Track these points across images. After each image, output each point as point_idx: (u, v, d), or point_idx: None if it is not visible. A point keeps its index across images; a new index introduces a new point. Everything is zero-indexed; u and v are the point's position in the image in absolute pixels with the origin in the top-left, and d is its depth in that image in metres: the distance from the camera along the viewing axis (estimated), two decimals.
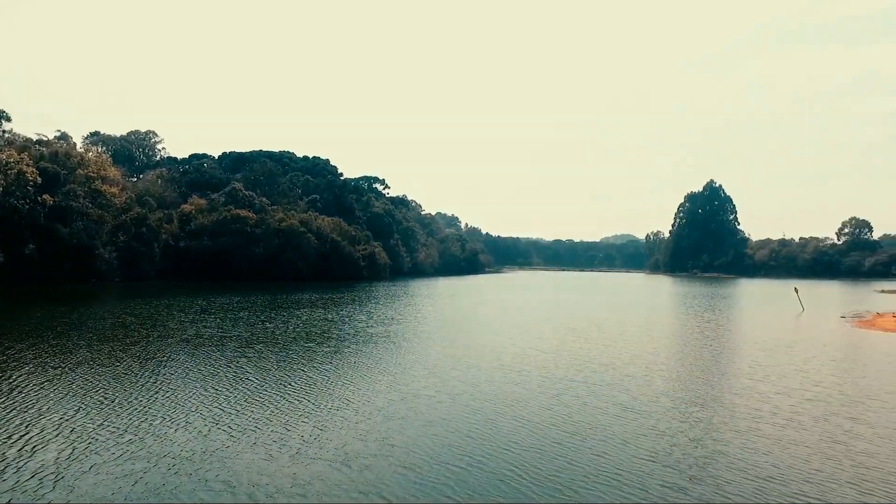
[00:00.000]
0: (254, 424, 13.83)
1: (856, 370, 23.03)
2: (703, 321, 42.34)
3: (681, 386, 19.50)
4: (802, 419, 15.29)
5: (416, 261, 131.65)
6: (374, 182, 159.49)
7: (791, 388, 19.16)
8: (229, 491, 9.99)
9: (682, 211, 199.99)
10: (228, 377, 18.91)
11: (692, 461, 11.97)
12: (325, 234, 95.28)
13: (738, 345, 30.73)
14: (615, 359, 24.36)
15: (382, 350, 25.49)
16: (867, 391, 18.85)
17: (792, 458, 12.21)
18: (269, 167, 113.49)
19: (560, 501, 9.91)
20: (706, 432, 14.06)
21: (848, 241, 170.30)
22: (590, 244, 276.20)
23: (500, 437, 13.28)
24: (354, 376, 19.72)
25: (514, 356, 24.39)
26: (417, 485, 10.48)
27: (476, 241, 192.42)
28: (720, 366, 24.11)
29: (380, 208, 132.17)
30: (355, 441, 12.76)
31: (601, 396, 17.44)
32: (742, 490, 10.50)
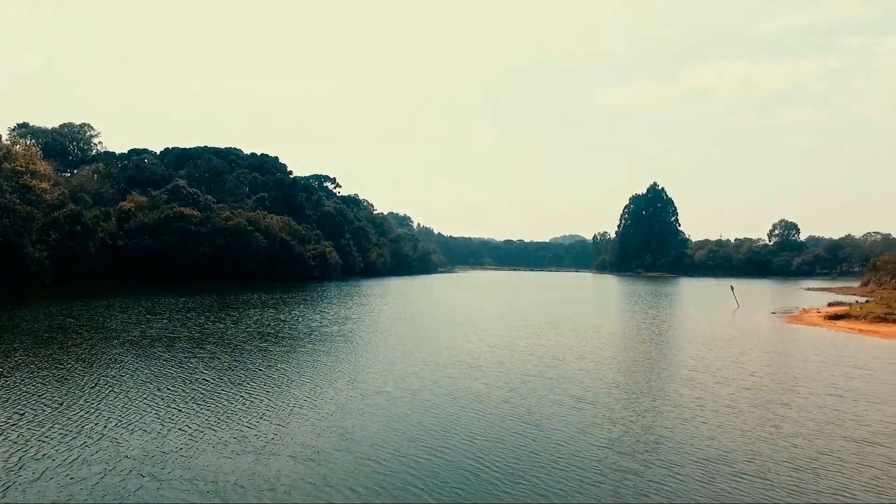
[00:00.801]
0: (213, 424, 13.61)
1: (785, 361, 24.74)
2: (649, 317, 44.23)
3: (630, 378, 20.45)
4: (740, 406, 16.39)
5: (368, 260, 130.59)
6: (324, 181, 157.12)
7: (729, 378, 20.43)
8: (195, 490, 9.86)
9: (627, 212, 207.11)
10: (181, 378, 18.42)
11: (644, 447, 12.67)
12: (273, 233, 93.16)
13: (681, 339, 32.34)
14: (567, 354, 25.20)
15: (339, 349, 25.38)
16: (795, 380, 20.34)
17: (733, 441, 13.13)
18: (215, 164, 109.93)
19: (523, 489, 10.31)
20: (655, 420, 14.88)
21: (778, 241, 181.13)
22: (540, 244, 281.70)
23: (462, 430, 13.61)
24: (313, 375, 19.61)
25: (471, 353, 24.83)
26: (382, 476, 10.66)
27: (428, 240, 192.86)
28: (665, 359, 25.38)
29: (331, 207, 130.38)
30: (318, 437, 12.79)
31: (556, 389, 18.07)
32: (690, 471, 11.23)
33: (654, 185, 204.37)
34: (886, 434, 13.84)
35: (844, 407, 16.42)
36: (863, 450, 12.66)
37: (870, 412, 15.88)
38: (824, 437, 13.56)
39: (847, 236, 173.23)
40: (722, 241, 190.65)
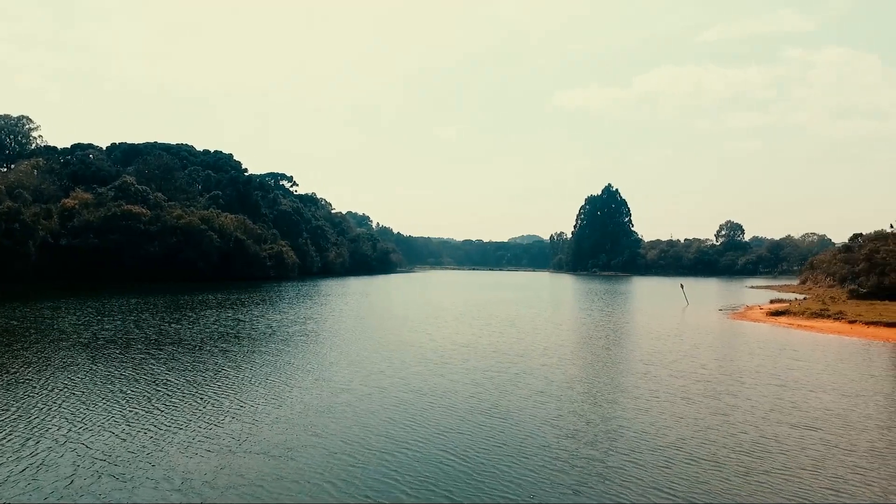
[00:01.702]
0: (179, 424, 13.44)
1: (732, 355, 26.13)
2: (605, 315, 45.64)
3: (589, 372, 21.21)
4: (693, 396, 17.30)
5: (327, 260, 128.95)
6: (281, 179, 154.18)
7: (682, 371, 21.47)
8: (168, 489, 9.82)
9: (583, 213, 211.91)
10: (142, 379, 17.99)
11: (605, 436, 13.28)
12: (228, 232, 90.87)
13: (635, 335, 33.60)
14: (529, 350, 25.84)
15: (303, 349, 25.23)
16: (742, 372, 21.55)
17: (687, 429, 13.90)
18: (166, 161, 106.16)
19: (492, 479, 10.67)
20: (614, 411, 15.56)
21: (724, 242, 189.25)
22: (498, 244, 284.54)
23: (431, 425, 13.90)
24: (278, 374, 19.49)
25: (435, 350, 25.14)
26: (355, 470, 10.85)
27: (388, 240, 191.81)
28: (622, 354, 26.38)
29: (288, 206, 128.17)
30: (288, 434, 12.83)
31: (519, 384, 18.59)
32: (649, 457, 11.88)
33: (608, 187, 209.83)
34: (823, 419, 14.93)
35: (786, 395, 17.56)
36: (803, 434, 13.64)
37: (809, 400, 17.05)
38: (769, 423, 14.51)
39: (787, 237, 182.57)
40: (673, 242, 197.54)
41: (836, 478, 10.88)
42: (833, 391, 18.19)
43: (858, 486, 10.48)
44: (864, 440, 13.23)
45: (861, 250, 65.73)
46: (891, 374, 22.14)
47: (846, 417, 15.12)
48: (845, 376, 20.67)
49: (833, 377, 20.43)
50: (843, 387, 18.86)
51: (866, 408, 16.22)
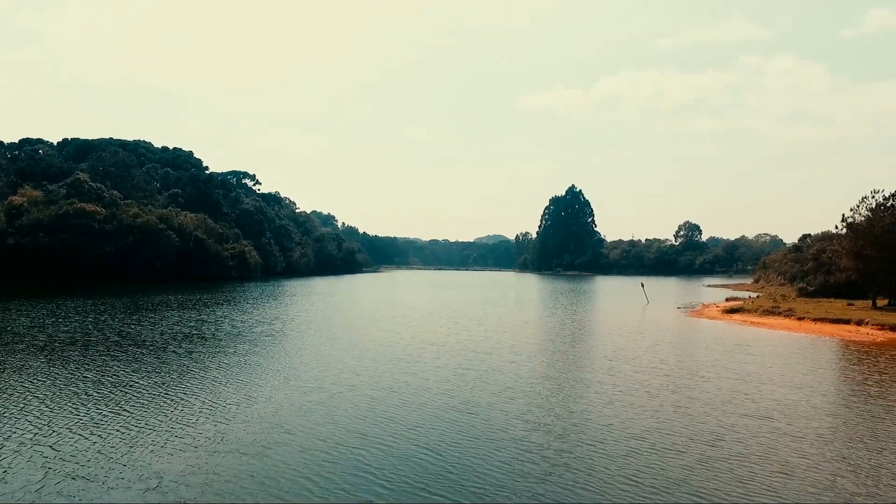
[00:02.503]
0: (150, 425, 13.29)
1: (690, 351, 27.19)
2: (569, 313, 46.64)
3: (556, 368, 21.77)
4: (654, 390, 18.01)
5: (291, 260, 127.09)
6: (243, 177, 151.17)
7: (643, 366, 22.26)
8: (142, 489, 9.76)
9: (547, 213, 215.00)
10: (106, 381, 17.60)
11: (573, 428, 13.76)
12: (188, 232, 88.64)
13: (599, 332, 34.52)
14: (497, 348, 26.30)
15: (271, 348, 25.02)
16: (699, 366, 22.49)
17: (649, 420, 14.52)
18: (122, 157, 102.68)
19: (464, 472, 10.96)
20: (581, 405, 16.09)
21: (683, 242, 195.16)
22: (465, 244, 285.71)
23: (404, 421, 14.11)
24: (246, 374, 19.34)
25: (404, 349, 25.32)
26: (330, 466, 10.99)
27: (353, 240, 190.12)
28: (586, 350, 27.12)
29: (250, 205, 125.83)
30: (260, 433, 12.84)
31: (489, 381, 18.97)
32: (614, 447, 12.40)
33: (572, 188, 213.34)
34: (775, 409, 15.80)
35: (740, 388, 18.46)
36: (756, 423, 14.43)
37: (761, 392, 17.98)
38: (725, 414, 15.27)
39: (742, 237, 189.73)
40: (634, 242, 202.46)
41: (786, 462, 11.61)
42: (783, 384, 19.21)
43: (806, 470, 11.21)
44: (811, 428, 14.09)
45: (809, 250, 68.99)
46: (835, 368, 23.51)
47: (795, 407, 16.03)
48: (794, 370, 21.82)
49: (783, 371, 21.55)
50: (792, 380, 19.93)
51: (813, 398, 17.22)
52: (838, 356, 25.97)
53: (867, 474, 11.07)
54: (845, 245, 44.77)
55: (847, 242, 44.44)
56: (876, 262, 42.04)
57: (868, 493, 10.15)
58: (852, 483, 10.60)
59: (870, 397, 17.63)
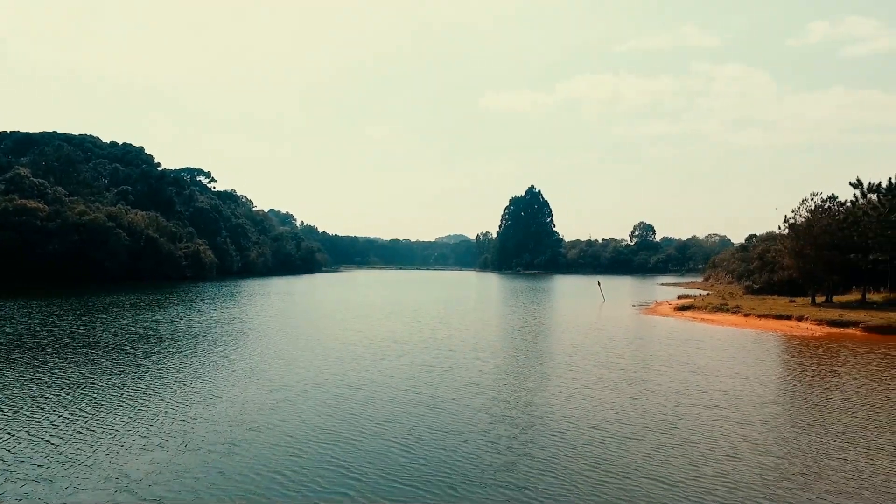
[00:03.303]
0: (114, 426, 13.05)
1: (645, 346, 28.28)
2: (529, 311, 47.57)
3: (518, 364, 22.32)
4: (611, 383, 18.73)
5: (248, 260, 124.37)
6: (197, 174, 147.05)
7: (601, 360, 23.06)
8: (112, 489, 9.66)
9: (507, 213, 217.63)
10: (62, 384, 17.08)
11: (536, 420, 14.25)
12: (138, 230, 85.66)
13: (558, 329, 35.41)
14: (460, 345, 26.69)
15: (232, 348, 24.65)
16: (653, 360, 23.46)
17: (608, 412, 15.15)
18: (67, 152, 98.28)
19: (435, 465, 11.23)
20: (543, 398, 16.62)
21: (638, 242, 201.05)
22: (426, 244, 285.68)
23: (370, 417, 14.30)
24: (209, 374, 19.07)
25: (369, 347, 25.39)
26: (301, 461, 11.08)
27: (312, 239, 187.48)
28: (547, 346, 27.84)
29: (205, 203, 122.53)
30: (228, 431, 12.80)
31: (454, 377, 19.31)
32: (575, 437, 12.93)
33: (531, 188, 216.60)
34: (724, 399, 16.73)
35: (692, 380, 19.41)
36: (707, 412, 15.26)
37: (711, 383, 18.96)
38: (678, 404, 16.07)
39: (693, 237, 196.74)
40: (591, 242, 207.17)
41: (735, 447, 12.39)
42: (731, 375, 20.30)
43: (753, 454, 12.00)
44: (757, 415, 15.02)
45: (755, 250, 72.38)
46: (778, 360, 24.97)
47: (742, 397, 17.01)
48: (741, 363, 23.06)
49: (731, 364, 22.73)
50: (739, 372, 21.07)
51: (759, 388, 18.29)
52: (781, 350, 27.54)
53: (809, 457, 11.93)
54: (787, 245, 47.26)
55: (788, 242, 46.93)
56: (814, 261, 44.57)
57: (810, 474, 10.96)
58: (796, 465, 11.42)
59: (809, 387, 18.87)
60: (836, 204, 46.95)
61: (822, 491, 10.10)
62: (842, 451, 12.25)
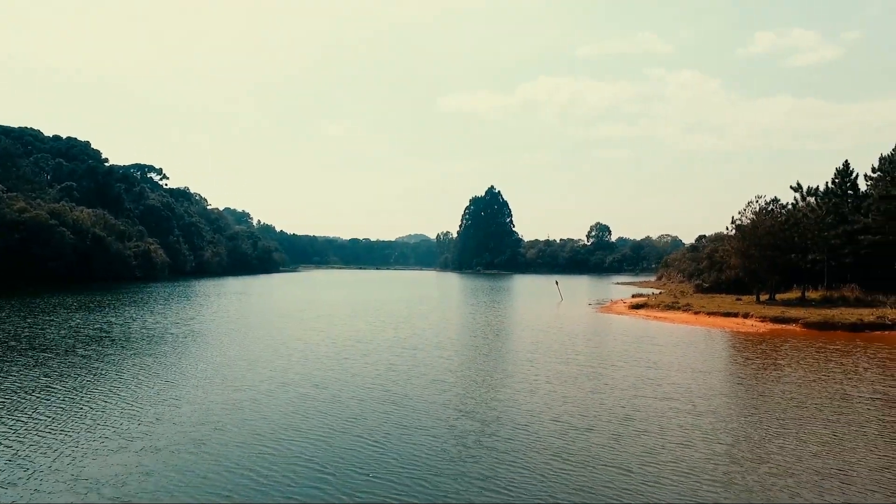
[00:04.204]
0: (72, 430, 12.77)
1: (601, 343, 29.27)
2: (490, 310, 48.27)
3: (481, 361, 22.78)
4: (571, 379, 19.40)
5: (202, 259, 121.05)
6: (148, 171, 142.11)
7: (560, 357, 23.76)
8: (78, 490, 9.51)
9: (467, 213, 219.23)
10: (13, 387, 16.53)
11: (500, 414, 14.69)
12: (84, 229, 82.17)
13: (518, 327, 36.14)
14: (424, 343, 26.97)
15: (192, 349, 24.18)
16: (609, 357, 24.35)
17: (569, 405, 15.74)
18: (4, 145, 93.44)
19: (404, 459, 11.48)
20: (506, 394, 17.11)
21: (594, 242, 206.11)
22: (386, 243, 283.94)
23: (338, 415, 14.45)
24: (169, 375, 18.74)
25: (333, 347, 25.38)
26: (271, 459, 11.16)
27: (270, 238, 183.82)
28: (508, 344, 28.45)
29: (156, 201, 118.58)
30: (193, 431, 12.71)
31: (419, 374, 19.59)
32: (538, 429, 13.43)
33: (491, 188, 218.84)
34: (676, 392, 17.61)
35: (646, 374, 20.29)
36: (660, 404, 16.05)
37: (664, 377, 19.88)
38: (634, 397, 16.83)
39: (647, 238, 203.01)
40: (550, 242, 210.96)
41: (686, 435, 13.14)
42: (683, 370, 21.32)
43: (704, 441, 12.76)
44: (705, 405, 15.91)
45: (704, 250, 75.44)
46: (726, 355, 26.32)
47: (693, 390, 17.94)
48: (692, 358, 24.22)
49: (682, 359, 23.84)
50: (690, 366, 22.14)
51: (708, 381, 19.31)
52: (728, 345, 29.00)
53: (754, 443, 12.77)
54: (734, 245, 49.52)
55: (735, 243, 49.19)
56: (758, 261, 46.89)
57: (755, 458, 11.75)
58: (743, 451, 12.22)
59: (754, 379, 20.05)
60: (778, 206, 49.50)
61: (766, 473, 10.87)
62: (783, 437, 13.17)
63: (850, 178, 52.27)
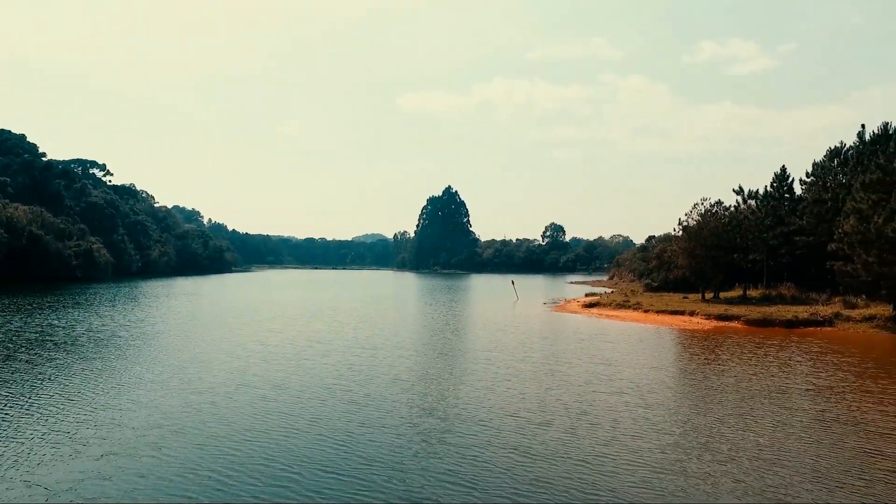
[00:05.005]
0: (23, 436, 12.31)
1: (556, 341, 30.10)
2: (447, 310, 48.68)
3: (440, 360, 23.11)
4: (528, 376, 19.95)
5: (149, 259, 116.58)
6: (91, 167, 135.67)
7: (517, 355, 24.36)
8: (34, 497, 9.13)
9: (425, 213, 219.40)
10: None
11: (463, 412, 15.04)
12: (19, 227, 77.88)
13: (476, 327, 36.66)
14: (383, 343, 27.06)
15: (144, 352, 23.51)
16: (564, 354, 25.12)
17: (526, 402, 16.24)
18: None
19: (371, 456, 11.63)
20: (466, 391, 17.48)
21: (549, 242, 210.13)
22: (342, 243, 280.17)
23: (301, 415, 14.45)
24: (122, 379, 18.23)
25: (292, 348, 25.16)
26: (233, 461, 11.11)
27: (221, 238, 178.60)
28: (466, 343, 28.88)
29: (99, 198, 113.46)
30: (148, 436, 12.47)
31: (380, 374, 19.73)
32: (500, 426, 13.85)
33: (448, 188, 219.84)
34: (628, 387, 18.41)
35: (599, 371, 21.08)
36: (613, 398, 16.77)
37: (616, 373, 20.71)
38: (588, 392, 17.51)
39: (599, 238, 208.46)
40: (506, 241, 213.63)
41: (638, 427, 13.83)
42: (633, 366, 22.25)
43: (653, 432, 13.47)
44: (654, 399, 16.73)
45: (653, 250, 78.23)
46: (674, 351, 27.58)
47: (644, 384, 18.79)
48: (642, 354, 25.28)
49: (633, 356, 24.86)
50: (640, 362, 23.12)
51: (657, 376, 20.26)
52: (676, 342, 30.36)
53: (701, 433, 13.56)
54: (681, 245, 51.71)
55: (682, 243, 51.38)
56: (704, 260, 49.16)
57: (703, 447, 12.51)
58: (691, 440, 12.97)
59: (700, 373, 21.17)
60: (721, 208, 52.03)
61: (711, 461, 11.61)
62: (726, 427, 14.04)
63: (787, 183, 55.44)
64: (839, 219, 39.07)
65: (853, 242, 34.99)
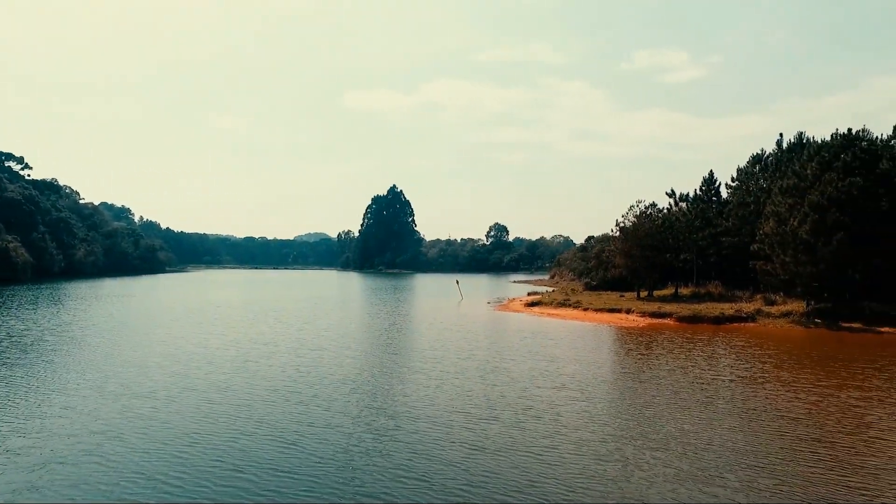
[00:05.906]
0: None
1: (500, 339, 30.85)
2: (393, 310, 48.70)
3: (387, 360, 23.26)
4: (473, 373, 20.42)
5: (73, 259, 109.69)
6: (6, 159, 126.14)
7: (462, 354, 24.81)
8: None
9: (369, 212, 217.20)
10: None
11: (412, 409, 15.29)
12: None
13: (421, 326, 36.96)
14: (329, 344, 26.90)
15: (74, 357, 22.37)
16: (508, 352, 25.83)
17: (472, 397, 16.69)
18: None
19: (325, 455, 11.68)
20: (414, 389, 17.74)
21: (493, 242, 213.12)
22: (284, 242, 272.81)
23: (249, 418, 14.29)
24: (53, 386, 17.36)
25: (235, 350, 24.60)
26: (184, 463, 10.91)
27: (154, 236, 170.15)
28: (412, 342, 29.13)
29: (17, 193, 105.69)
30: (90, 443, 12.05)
31: (327, 375, 19.67)
32: (448, 420, 14.21)
33: (393, 188, 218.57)
34: (569, 381, 19.22)
35: (541, 367, 21.85)
36: (554, 393, 17.49)
37: (557, 369, 21.54)
38: (531, 387, 18.17)
39: (541, 238, 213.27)
40: (451, 241, 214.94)
41: (576, 418, 14.55)
42: (574, 361, 23.20)
43: (594, 423, 14.21)
44: (594, 393, 17.60)
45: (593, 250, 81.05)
46: (612, 347, 28.88)
47: (583, 379, 19.67)
48: (582, 351, 26.36)
49: (574, 352, 25.88)
50: (580, 358, 24.13)
51: (597, 372, 21.24)
52: (613, 338, 31.78)
53: (638, 423, 14.42)
54: (618, 245, 53.96)
55: (619, 243, 53.63)
56: (639, 260, 51.53)
57: (639, 436, 13.33)
58: (630, 429, 13.77)
59: (636, 367, 22.34)
60: (655, 210, 54.71)
61: (645, 447, 12.41)
62: (660, 416, 14.98)
63: (715, 186, 59.00)
64: (761, 221, 42.01)
65: (772, 243, 37.77)
